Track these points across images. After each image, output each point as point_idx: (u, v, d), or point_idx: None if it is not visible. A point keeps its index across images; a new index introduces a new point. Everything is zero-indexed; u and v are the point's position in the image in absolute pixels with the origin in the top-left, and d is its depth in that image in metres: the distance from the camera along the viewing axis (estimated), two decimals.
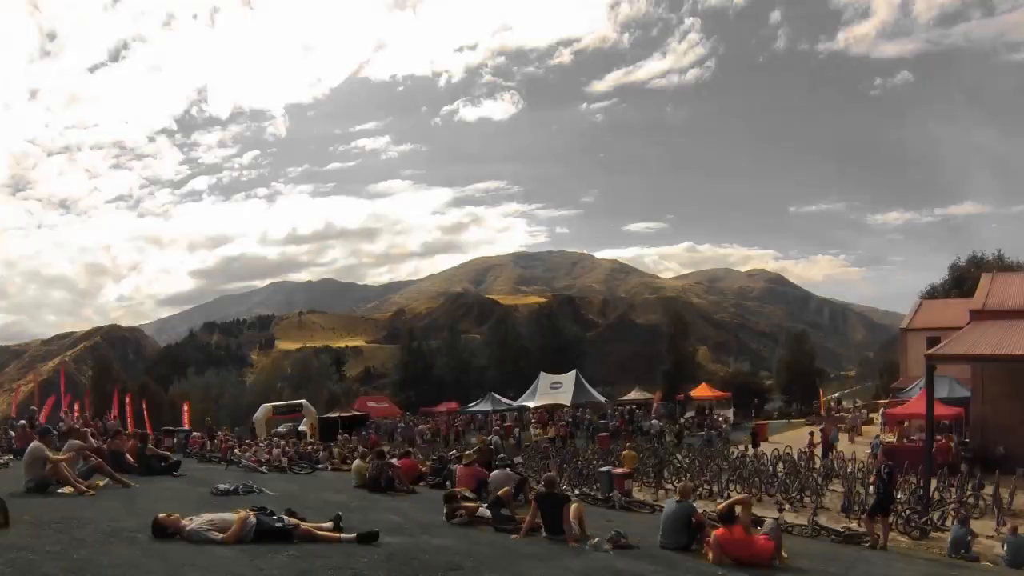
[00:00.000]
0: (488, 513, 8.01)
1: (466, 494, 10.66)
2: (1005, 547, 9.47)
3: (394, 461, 12.33)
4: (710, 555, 6.86)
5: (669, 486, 15.59)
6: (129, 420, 26.78)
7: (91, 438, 10.79)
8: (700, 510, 7.65)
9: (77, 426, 14.60)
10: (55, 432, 11.12)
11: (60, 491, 7.84)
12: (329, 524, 6.38)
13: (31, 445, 8.44)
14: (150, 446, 11.70)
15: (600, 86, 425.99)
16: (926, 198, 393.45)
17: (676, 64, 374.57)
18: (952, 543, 9.58)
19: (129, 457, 10.70)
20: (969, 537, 9.63)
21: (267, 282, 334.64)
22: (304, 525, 6.10)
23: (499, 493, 8.35)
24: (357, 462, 12.39)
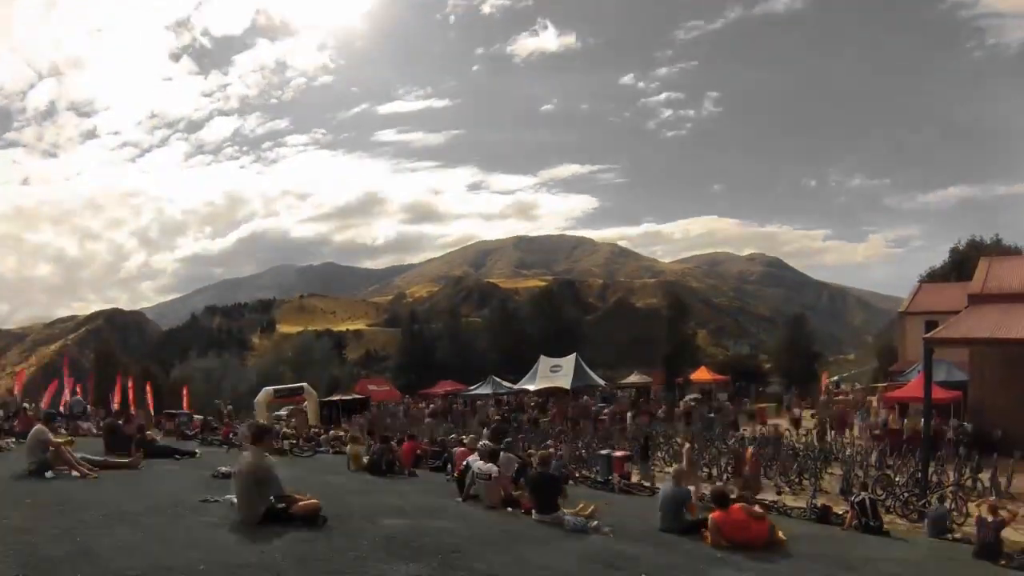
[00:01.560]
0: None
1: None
2: (926, 520, 9.62)
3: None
4: (708, 538, 6.92)
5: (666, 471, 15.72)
6: (132, 404, 26.86)
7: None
8: (699, 493, 7.70)
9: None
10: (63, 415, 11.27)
11: (74, 475, 7.90)
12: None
13: (34, 428, 8.47)
14: (148, 433, 11.77)
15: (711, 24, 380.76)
16: (992, 174, 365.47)
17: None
18: (931, 524, 9.59)
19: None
20: (948, 520, 9.65)
21: (269, 266, 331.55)
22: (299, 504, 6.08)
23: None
24: (351, 445, 12.43)
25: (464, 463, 9.25)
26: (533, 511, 7.40)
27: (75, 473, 7.96)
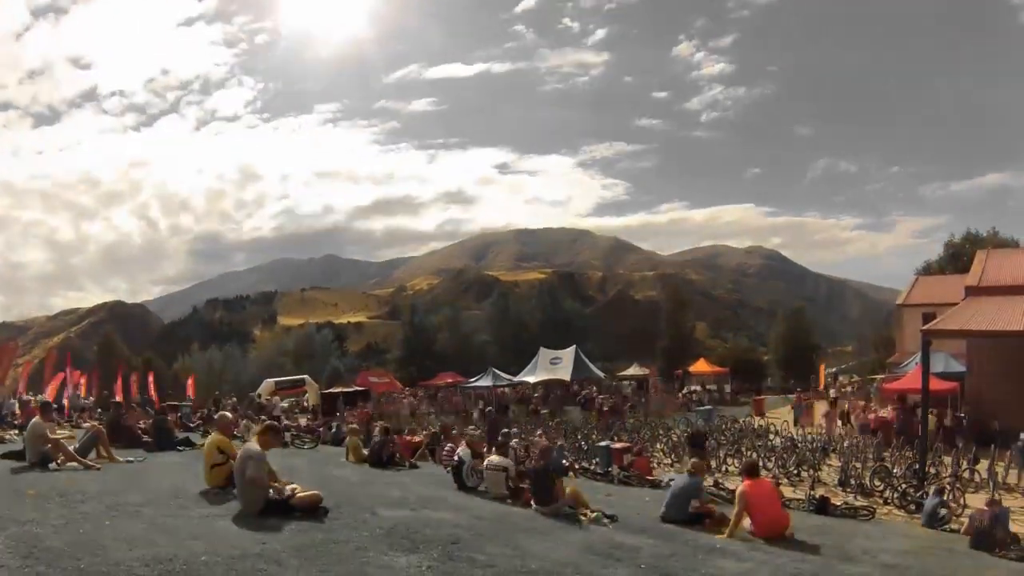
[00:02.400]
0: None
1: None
2: (924, 511, 9.81)
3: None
4: (733, 511, 6.98)
5: (664, 462, 15.81)
6: (134, 395, 26.92)
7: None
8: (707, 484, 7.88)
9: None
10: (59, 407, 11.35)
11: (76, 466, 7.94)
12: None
13: (32, 422, 8.50)
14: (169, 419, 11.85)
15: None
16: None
17: None
18: (927, 513, 9.73)
19: (144, 434, 10.97)
20: (943, 510, 9.77)
21: (272, 258, 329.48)
22: (299, 493, 6.14)
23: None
24: (349, 438, 12.49)
25: (456, 455, 9.34)
26: (532, 502, 7.45)
27: (77, 465, 7.99)
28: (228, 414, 7.78)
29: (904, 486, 11.74)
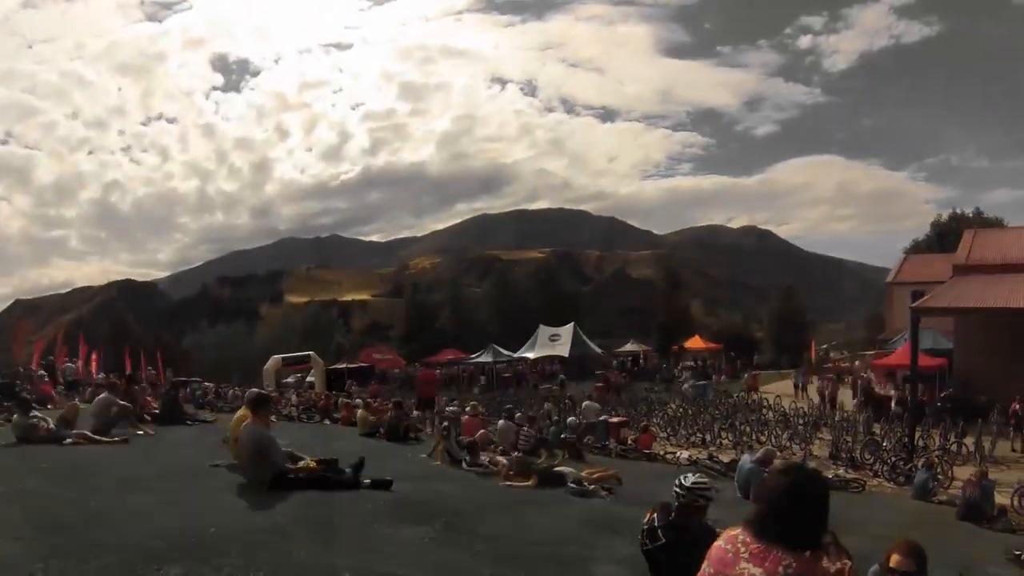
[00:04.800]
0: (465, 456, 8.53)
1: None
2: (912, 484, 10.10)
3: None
4: None
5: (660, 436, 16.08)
6: (143, 371, 26.98)
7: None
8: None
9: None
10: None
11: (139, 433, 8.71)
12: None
13: (102, 395, 9.23)
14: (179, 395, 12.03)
15: None
16: None
17: None
18: (917, 487, 9.98)
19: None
20: (933, 483, 10.03)
21: (276, 238, 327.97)
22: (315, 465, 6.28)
23: (475, 437, 8.78)
24: (361, 412, 12.71)
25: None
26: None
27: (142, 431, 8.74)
28: (256, 390, 7.92)
29: (893, 459, 12.00)
